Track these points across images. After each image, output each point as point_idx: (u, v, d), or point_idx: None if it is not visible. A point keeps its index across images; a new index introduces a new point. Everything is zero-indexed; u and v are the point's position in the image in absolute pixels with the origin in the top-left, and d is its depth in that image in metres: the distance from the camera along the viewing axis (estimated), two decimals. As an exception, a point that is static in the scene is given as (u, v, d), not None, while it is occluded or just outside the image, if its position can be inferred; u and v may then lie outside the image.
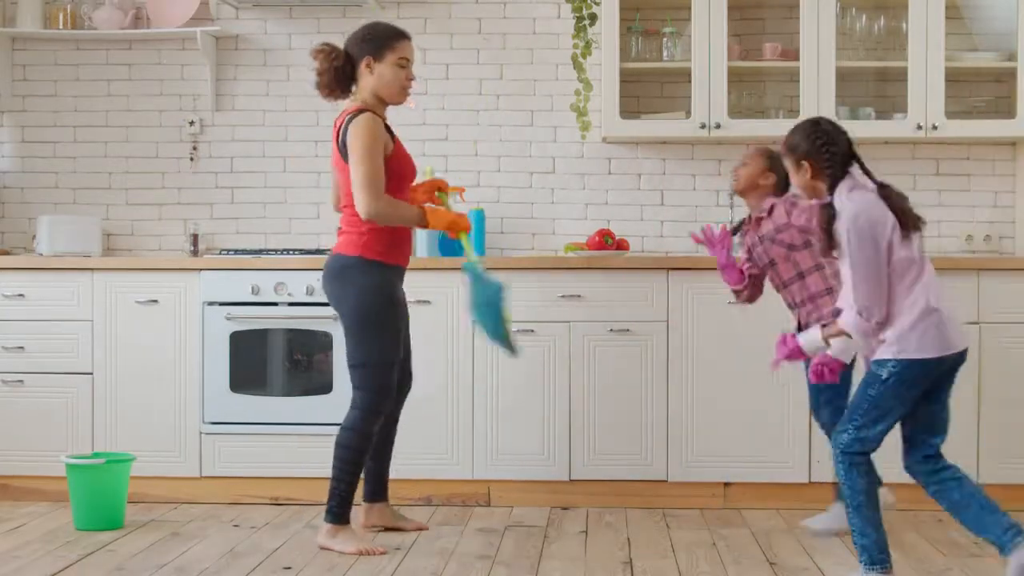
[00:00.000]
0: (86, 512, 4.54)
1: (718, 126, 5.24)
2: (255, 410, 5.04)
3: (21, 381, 5.10)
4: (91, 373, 5.09)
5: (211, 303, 5.05)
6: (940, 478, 3.62)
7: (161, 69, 5.72)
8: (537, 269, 4.98)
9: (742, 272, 4.43)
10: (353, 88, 4.28)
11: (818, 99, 5.20)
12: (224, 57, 5.69)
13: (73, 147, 5.75)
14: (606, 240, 5.18)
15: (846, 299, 3.59)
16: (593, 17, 5.28)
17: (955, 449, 4.85)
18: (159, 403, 5.06)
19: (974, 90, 5.48)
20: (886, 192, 3.60)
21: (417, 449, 4.93)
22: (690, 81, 5.27)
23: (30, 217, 5.72)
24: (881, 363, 3.56)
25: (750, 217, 4.47)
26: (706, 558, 4.11)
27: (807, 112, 5.18)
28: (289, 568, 3.95)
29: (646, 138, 5.49)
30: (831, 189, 3.61)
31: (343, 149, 4.16)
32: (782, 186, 4.38)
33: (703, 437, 4.95)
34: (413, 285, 4.90)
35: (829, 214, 3.57)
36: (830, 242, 3.57)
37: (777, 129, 5.31)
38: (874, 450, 3.61)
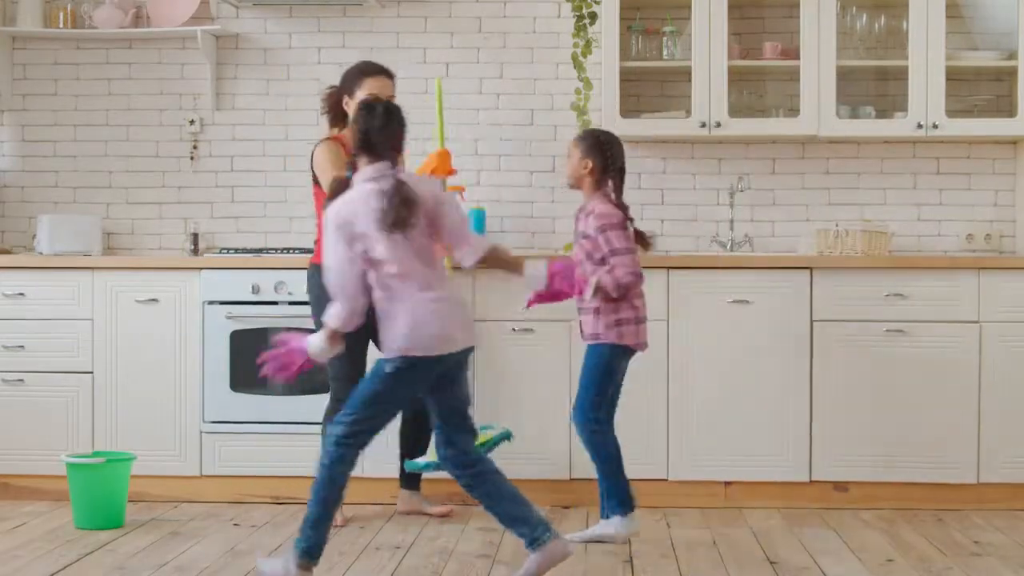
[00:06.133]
0: (86, 511, 4.54)
1: (718, 125, 5.23)
2: (255, 409, 5.03)
3: (21, 380, 5.10)
4: (91, 372, 5.09)
5: (211, 302, 5.05)
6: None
7: (161, 68, 5.72)
8: (537, 268, 4.97)
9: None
10: None
11: (819, 98, 5.20)
12: (224, 56, 5.69)
13: (73, 146, 5.75)
14: (606, 239, 5.18)
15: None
16: (593, 16, 5.28)
17: (956, 449, 4.90)
18: (159, 402, 5.06)
19: (974, 89, 5.48)
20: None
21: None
22: (690, 80, 5.27)
23: (30, 216, 5.72)
24: None
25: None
26: (706, 557, 4.11)
27: (807, 111, 5.20)
28: (289, 567, 3.95)
29: (646, 137, 5.48)
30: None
31: (312, 172, 4.66)
32: (602, 167, 4.30)
33: (703, 436, 4.95)
34: (413, 284, 4.90)
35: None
36: None
37: (778, 128, 5.34)
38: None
